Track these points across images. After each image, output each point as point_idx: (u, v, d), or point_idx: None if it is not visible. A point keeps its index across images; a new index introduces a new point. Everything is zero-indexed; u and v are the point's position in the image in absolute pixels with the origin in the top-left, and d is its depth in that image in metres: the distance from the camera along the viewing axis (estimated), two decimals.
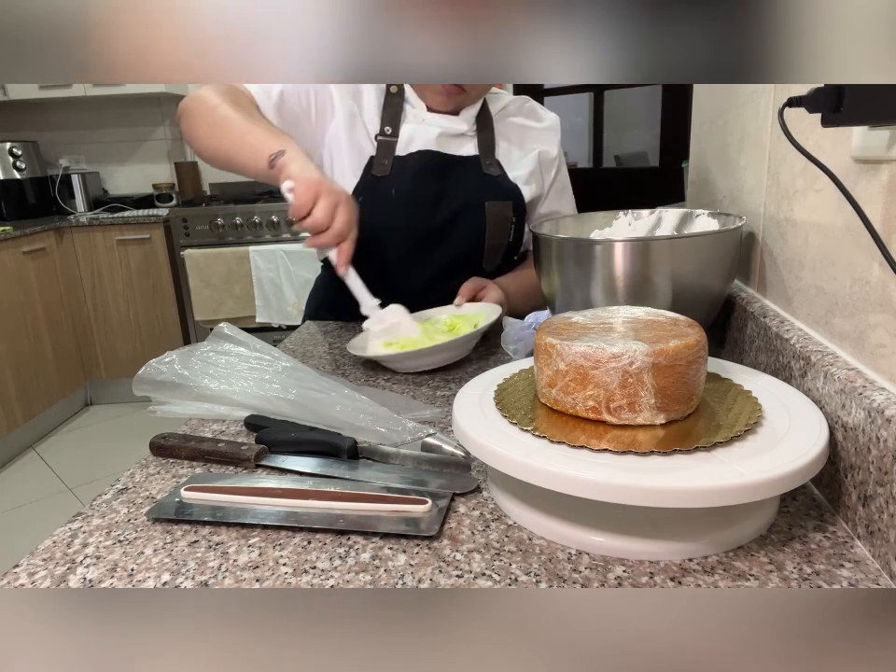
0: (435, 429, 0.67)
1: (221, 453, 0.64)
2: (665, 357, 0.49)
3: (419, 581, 0.47)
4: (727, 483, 0.43)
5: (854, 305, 0.55)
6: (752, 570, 0.46)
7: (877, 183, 0.51)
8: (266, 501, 0.56)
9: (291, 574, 0.48)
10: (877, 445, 0.45)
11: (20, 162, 3.23)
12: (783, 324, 0.66)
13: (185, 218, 3.01)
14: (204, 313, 3.04)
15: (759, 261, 0.80)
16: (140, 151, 3.60)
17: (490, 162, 1.08)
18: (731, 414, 0.52)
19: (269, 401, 0.73)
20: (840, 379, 0.51)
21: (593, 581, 0.46)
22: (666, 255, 0.71)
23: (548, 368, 0.53)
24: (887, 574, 0.45)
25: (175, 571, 0.49)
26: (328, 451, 0.65)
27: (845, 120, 0.47)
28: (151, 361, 0.77)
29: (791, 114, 0.53)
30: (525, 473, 0.47)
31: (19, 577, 0.49)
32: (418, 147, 1.04)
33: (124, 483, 0.62)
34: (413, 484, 0.59)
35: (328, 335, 1.10)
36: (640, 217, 0.89)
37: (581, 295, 0.76)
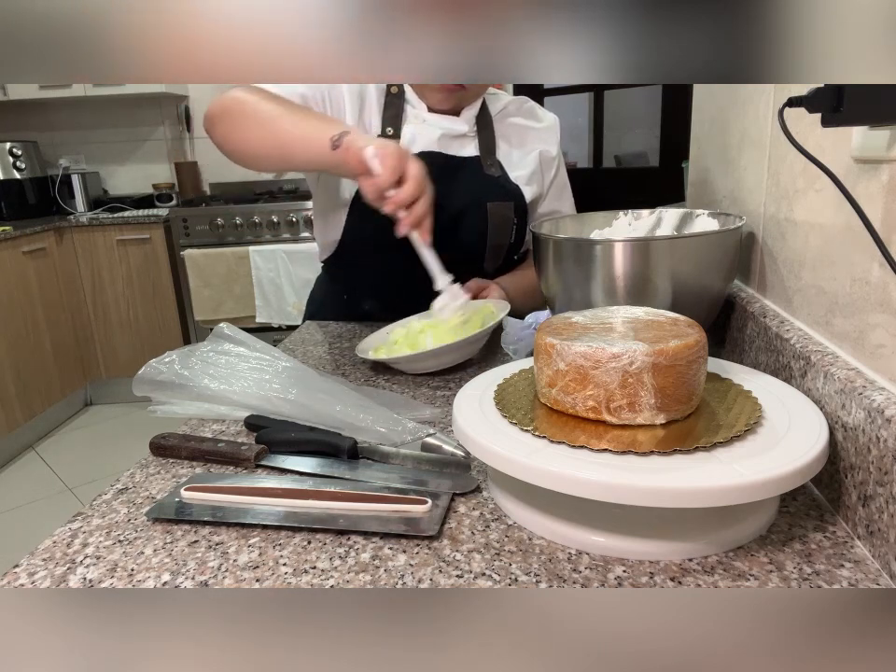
0: (435, 429, 0.67)
1: (221, 453, 0.64)
2: (665, 357, 0.49)
3: (419, 580, 0.47)
4: (727, 482, 0.43)
5: (854, 305, 0.55)
6: (752, 570, 0.46)
7: (877, 183, 0.51)
8: (266, 501, 0.56)
9: (291, 574, 0.48)
10: (877, 445, 0.45)
11: (20, 162, 3.23)
12: (783, 324, 0.66)
13: (185, 218, 3.01)
14: (204, 313, 3.04)
15: (759, 261, 0.80)
16: (140, 151, 3.60)
17: (491, 163, 1.08)
18: (731, 414, 0.52)
19: (269, 401, 0.73)
20: (840, 379, 0.51)
21: (593, 581, 0.46)
22: (666, 255, 0.71)
23: (548, 368, 0.53)
24: (887, 574, 0.45)
25: (175, 571, 0.49)
26: (328, 451, 0.65)
27: (845, 120, 0.47)
28: (151, 361, 0.77)
29: (791, 114, 0.53)
30: (524, 473, 0.47)
31: (19, 577, 0.49)
32: (420, 149, 1.04)
33: (124, 483, 0.62)
34: (412, 484, 0.59)
35: (328, 335, 1.10)
36: (640, 217, 0.89)
37: (580, 295, 0.76)
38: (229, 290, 3.00)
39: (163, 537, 0.53)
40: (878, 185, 0.50)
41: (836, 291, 0.58)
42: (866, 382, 0.49)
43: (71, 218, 3.13)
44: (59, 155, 3.57)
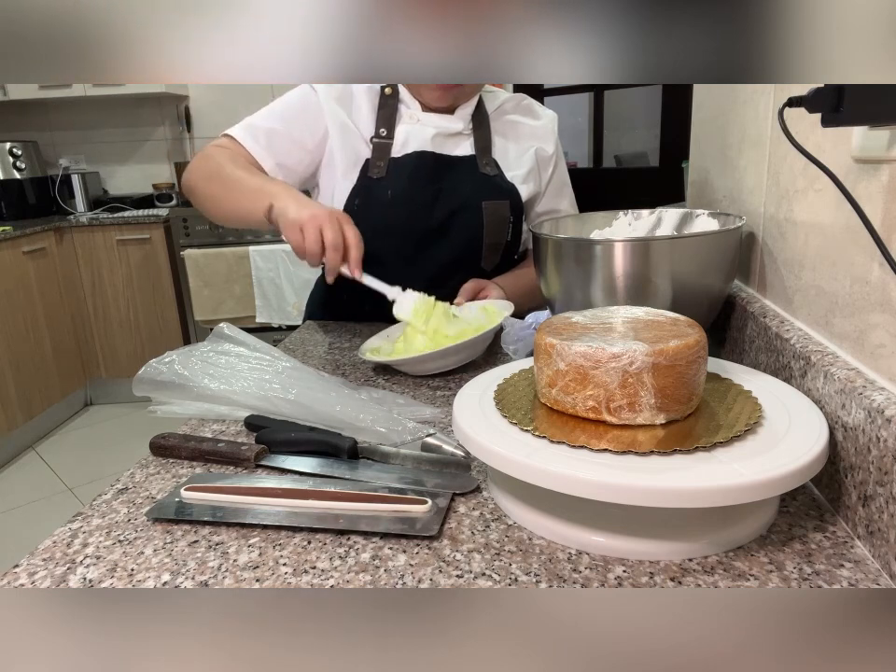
0: (435, 429, 0.67)
1: (221, 453, 0.64)
2: (665, 357, 0.49)
3: (419, 580, 0.47)
4: (727, 483, 0.43)
5: (854, 305, 0.55)
6: (752, 570, 0.46)
7: (877, 183, 0.51)
8: (266, 501, 0.56)
9: (291, 574, 0.48)
10: (877, 445, 0.45)
11: (20, 162, 3.23)
12: (783, 324, 0.66)
13: (185, 218, 3.01)
14: (204, 313, 3.04)
15: (759, 261, 0.80)
16: (140, 151, 3.60)
17: (487, 162, 1.08)
18: (731, 414, 0.52)
19: (269, 401, 0.73)
20: (840, 379, 0.51)
21: (593, 580, 0.46)
22: (666, 255, 0.71)
23: (548, 368, 0.53)
24: (887, 574, 0.45)
25: (175, 571, 0.49)
26: (328, 451, 0.65)
27: (845, 120, 0.47)
28: (151, 361, 0.77)
29: (791, 114, 0.53)
30: (525, 473, 0.47)
31: (19, 577, 0.49)
32: (413, 149, 1.04)
33: (124, 483, 0.62)
34: (412, 484, 0.59)
35: (328, 335, 1.10)
36: (640, 217, 0.89)
37: (581, 295, 0.76)
38: (229, 290, 3.00)
39: (163, 537, 0.53)
40: (878, 185, 0.50)
41: (836, 291, 0.58)
42: (866, 382, 0.49)
43: (71, 218, 3.13)
44: (59, 155, 3.57)
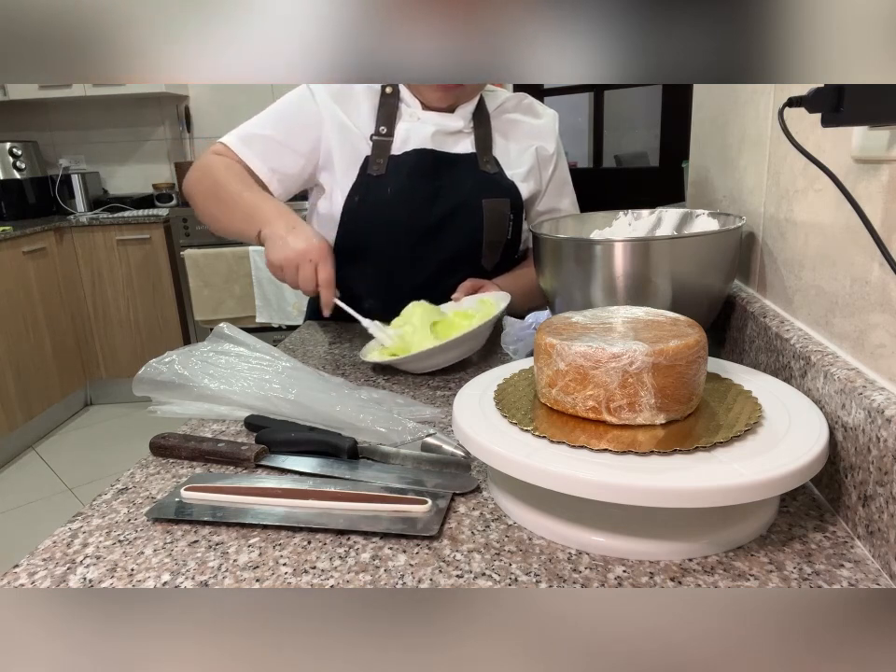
0: (435, 429, 0.67)
1: (221, 453, 0.64)
2: (665, 356, 0.49)
3: (419, 580, 0.47)
4: (727, 483, 0.43)
5: (854, 305, 0.55)
6: (752, 570, 0.46)
7: (877, 183, 0.51)
8: (266, 501, 0.56)
9: (291, 574, 0.48)
10: (877, 445, 0.45)
11: (20, 162, 3.23)
12: (783, 324, 0.66)
13: (185, 218, 3.01)
14: (204, 313, 3.04)
15: (759, 261, 0.80)
16: (140, 151, 3.60)
17: (487, 160, 1.08)
18: (731, 414, 0.52)
19: (269, 401, 0.73)
20: (840, 379, 0.51)
21: (593, 580, 0.46)
22: (666, 255, 0.71)
23: (548, 368, 0.53)
24: (887, 574, 0.45)
25: (175, 571, 0.49)
26: (328, 451, 0.65)
27: (845, 120, 0.47)
28: (151, 361, 0.77)
29: (791, 114, 0.53)
30: (525, 473, 0.47)
31: (19, 577, 0.49)
32: (413, 146, 1.04)
33: (124, 483, 0.62)
34: (412, 484, 0.59)
35: (328, 335, 1.10)
36: (640, 217, 0.89)
37: (581, 295, 0.76)
38: (229, 290, 3.00)
39: (163, 537, 0.53)
40: (878, 185, 0.50)
41: (836, 291, 0.58)
42: (866, 382, 0.49)
43: (71, 218, 3.13)
44: (59, 155, 3.57)
